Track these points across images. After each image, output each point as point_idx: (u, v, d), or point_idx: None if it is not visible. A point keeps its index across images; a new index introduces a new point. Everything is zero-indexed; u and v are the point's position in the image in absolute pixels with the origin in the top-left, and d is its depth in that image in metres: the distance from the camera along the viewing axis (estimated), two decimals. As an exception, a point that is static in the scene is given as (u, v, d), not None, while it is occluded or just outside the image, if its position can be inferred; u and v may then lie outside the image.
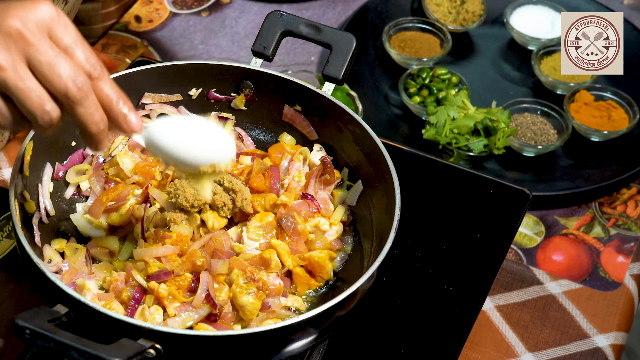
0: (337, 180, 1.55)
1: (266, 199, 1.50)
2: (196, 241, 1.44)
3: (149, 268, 1.38)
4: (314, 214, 1.52)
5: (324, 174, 1.54)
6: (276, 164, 1.55)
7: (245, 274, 1.39)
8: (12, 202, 1.35)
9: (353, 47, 1.53)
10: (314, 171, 1.54)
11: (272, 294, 1.41)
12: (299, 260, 1.47)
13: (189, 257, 1.40)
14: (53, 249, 1.44)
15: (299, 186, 1.53)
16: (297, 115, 1.58)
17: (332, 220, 1.53)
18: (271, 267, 1.43)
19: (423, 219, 1.72)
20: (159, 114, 1.59)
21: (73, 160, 1.53)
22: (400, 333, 1.59)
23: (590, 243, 1.88)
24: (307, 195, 1.52)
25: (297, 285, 1.46)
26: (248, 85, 1.59)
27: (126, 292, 1.38)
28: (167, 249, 1.41)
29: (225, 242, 1.45)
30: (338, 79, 1.53)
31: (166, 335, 1.23)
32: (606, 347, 1.71)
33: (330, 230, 1.51)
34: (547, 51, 2.16)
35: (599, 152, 2.03)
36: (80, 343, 1.17)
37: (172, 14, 2.25)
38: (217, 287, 1.39)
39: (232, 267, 1.41)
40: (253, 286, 1.38)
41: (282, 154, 1.56)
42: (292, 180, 1.53)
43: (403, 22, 2.22)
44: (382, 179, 1.48)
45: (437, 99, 2.05)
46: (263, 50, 1.55)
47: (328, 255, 1.47)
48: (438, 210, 1.74)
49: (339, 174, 1.56)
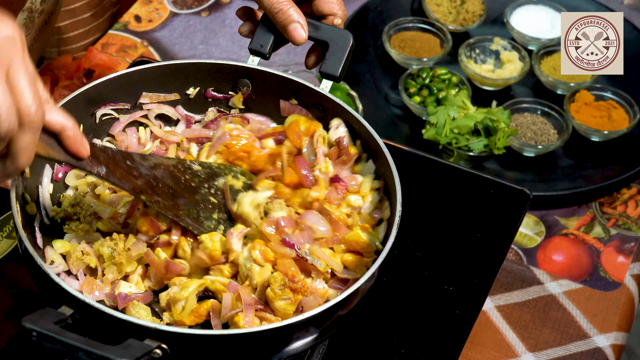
0: (354, 156, 1.51)
1: (303, 196, 1.46)
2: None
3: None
4: (344, 194, 1.48)
5: (340, 155, 1.51)
6: (297, 146, 1.51)
7: (284, 279, 1.36)
8: (13, 204, 1.34)
9: (350, 44, 1.53)
10: (333, 152, 1.51)
11: (313, 295, 1.38)
12: (341, 248, 1.43)
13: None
14: (55, 250, 1.44)
15: (327, 178, 1.49)
16: (295, 107, 1.58)
17: (362, 193, 1.49)
18: (314, 275, 1.40)
19: (423, 219, 1.72)
20: (156, 114, 1.59)
21: None
22: (400, 333, 1.59)
23: (590, 243, 1.88)
24: (332, 179, 1.49)
25: (353, 269, 1.42)
26: (245, 84, 1.59)
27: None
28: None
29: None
30: (335, 76, 1.53)
31: (172, 335, 1.24)
32: (606, 347, 1.71)
33: (365, 203, 1.48)
34: (547, 51, 2.16)
35: (599, 152, 2.03)
36: (88, 344, 1.18)
37: (172, 13, 2.25)
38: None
39: (279, 267, 1.39)
40: (288, 292, 1.36)
41: (299, 136, 1.52)
42: (321, 171, 1.49)
43: (403, 22, 2.22)
44: (383, 178, 1.47)
45: (437, 99, 2.05)
46: (260, 48, 1.55)
47: (360, 229, 1.43)
48: (438, 210, 1.74)
49: (354, 148, 1.52)
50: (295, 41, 1.51)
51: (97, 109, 1.54)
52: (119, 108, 1.56)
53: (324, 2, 1.54)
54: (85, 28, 2.19)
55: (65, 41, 2.21)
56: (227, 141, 1.50)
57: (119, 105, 1.56)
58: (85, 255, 1.41)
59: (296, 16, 1.50)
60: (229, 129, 1.52)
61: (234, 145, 1.50)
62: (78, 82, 1.94)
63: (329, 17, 1.54)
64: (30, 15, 1.83)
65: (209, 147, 1.51)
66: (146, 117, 1.58)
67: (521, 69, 2.13)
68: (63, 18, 2.16)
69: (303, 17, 1.51)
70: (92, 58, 1.98)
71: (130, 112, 1.57)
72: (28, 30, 1.88)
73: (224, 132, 1.51)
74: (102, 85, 1.51)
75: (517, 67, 2.14)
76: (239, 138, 1.51)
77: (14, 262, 1.67)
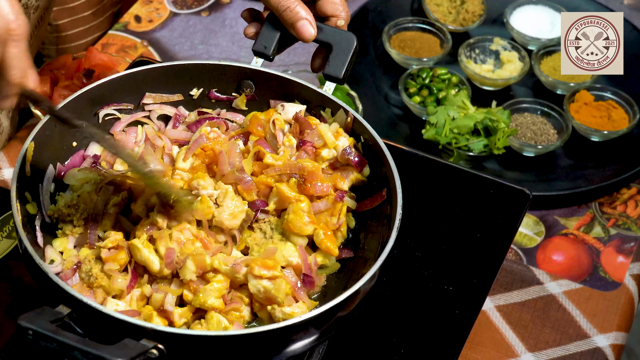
0: (318, 124, 1.53)
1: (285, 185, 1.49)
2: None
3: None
4: (314, 152, 1.51)
5: (302, 130, 1.53)
6: (261, 137, 1.54)
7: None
8: (14, 203, 1.34)
9: (354, 47, 1.53)
10: (294, 129, 1.53)
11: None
12: (318, 226, 1.45)
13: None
14: (55, 249, 1.44)
15: (292, 148, 1.52)
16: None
17: (330, 145, 1.51)
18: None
19: (423, 219, 1.72)
20: (158, 114, 1.59)
21: (74, 161, 1.52)
22: (400, 333, 1.59)
23: (590, 243, 1.88)
24: (298, 145, 1.52)
25: (326, 250, 1.45)
26: (249, 85, 1.59)
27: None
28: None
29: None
30: (339, 78, 1.53)
31: (169, 335, 1.24)
32: (606, 347, 1.71)
33: (338, 152, 1.50)
34: (547, 51, 2.16)
35: (599, 152, 2.03)
36: (83, 344, 1.18)
37: (172, 13, 2.25)
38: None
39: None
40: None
41: (262, 127, 1.54)
42: (285, 145, 1.52)
43: (403, 22, 2.22)
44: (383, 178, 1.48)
45: (437, 99, 2.05)
46: (264, 50, 1.55)
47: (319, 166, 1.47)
48: (438, 210, 1.74)
49: (315, 120, 1.54)
50: (303, 38, 1.51)
51: (100, 109, 1.54)
52: (122, 108, 1.56)
53: (328, 3, 1.54)
54: (85, 27, 2.19)
55: (64, 39, 2.21)
56: (204, 144, 1.51)
57: (122, 105, 1.56)
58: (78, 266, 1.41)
59: (304, 13, 1.50)
60: (206, 132, 1.53)
61: (210, 148, 1.51)
62: (78, 82, 1.94)
63: (332, 18, 1.54)
64: (26, 11, 1.82)
65: (186, 150, 1.52)
66: (149, 117, 1.58)
67: (521, 69, 2.14)
68: (62, 16, 2.16)
69: (311, 14, 1.51)
70: (92, 58, 1.98)
71: (133, 113, 1.57)
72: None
73: (201, 134, 1.52)
74: (106, 85, 1.51)
75: (517, 67, 2.14)
76: (216, 141, 1.52)
77: (15, 260, 1.67)
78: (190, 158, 1.51)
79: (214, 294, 1.36)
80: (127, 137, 1.56)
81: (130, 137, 1.56)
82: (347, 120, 1.52)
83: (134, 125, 1.57)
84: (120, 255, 1.40)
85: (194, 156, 1.51)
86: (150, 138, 1.56)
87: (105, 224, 1.45)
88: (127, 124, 1.56)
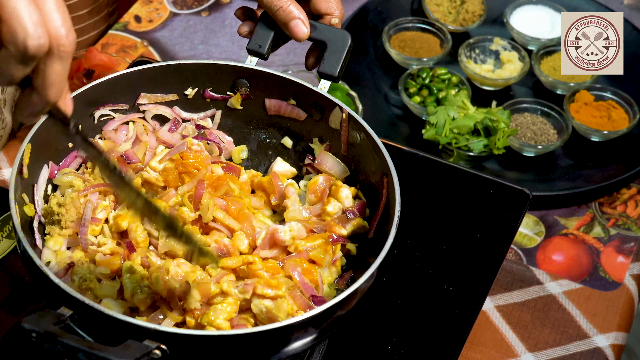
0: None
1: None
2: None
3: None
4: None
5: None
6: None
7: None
8: (12, 205, 1.34)
9: (348, 44, 1.53)
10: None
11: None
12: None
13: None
14: (50, 249, 1.44)
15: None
16: (279, 103, 1.58)
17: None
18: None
19: (423, 219, 1.72)
20: (153, 114, 1.59)
21: (67, 162, 1.52)
22: (400, 333, 1.59)
23: (590, 243, 1.88)
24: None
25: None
26: (244, 84, 1.59)
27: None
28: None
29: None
30: (334, 76, 1.53)
31: (171, 335, 1.24)
32: (606, 347, 1.71)
33: (336, 203, 1.52)
34: (547, 51, 2.16)
35: (599, 152, 2.03)
36: (87, 345, 1.18)
37: (172, 13, 2.25)
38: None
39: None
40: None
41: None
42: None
43: (403, 22, 2.22)
44: (383, 177, 1.48)
45: (437, 99, 2.05)
46: (258, 48, 1.55)
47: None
48: (438, 210, 1.74)
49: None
50: (297, 37, 1.52)
51: (95, 110, 1.54)
52: (118, 109, 1.56)
53: (322, 1, 1.54)
54: (80, 25, 2.18)
55: None
56: (184, 152, 1.51)
57: (118, 106, 1.56)
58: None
59: (297, 12, 1.50)
60: (190, 142, 1.53)
61: (188, 158, 1.51)
62: (78, 82, 1.94)
63: (326, 16, 1.55)
64: None
65: (167, 152, 1.52)
66: (144, 118, 1.58)
67: (521, 69, 2.14)
68: None
69: (304, 13, 1.51)
70: (92, 58, 1.98)
71: (128, 114, 1.57)
72: None
73: (184, 143, 1.52)
74: (101, 86, 1.51)
75: (517, 67, 2.14)
76: (196, 155, 1.51)
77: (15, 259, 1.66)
78: (166, 161, 1.51)
79: (223, 314, 1.35)
80: (117, 136, 1.56)
81: (121, 134, 1.56)
82: (342, 117, 1.52)
83: (125, 124, 1.57)
84: (114, 261, 1.40)
85: (170, 160, 1.51)
86: (139, 134, 1.56)
87: (94, 230, 1.45)
88: (120, 123, 1.56)
